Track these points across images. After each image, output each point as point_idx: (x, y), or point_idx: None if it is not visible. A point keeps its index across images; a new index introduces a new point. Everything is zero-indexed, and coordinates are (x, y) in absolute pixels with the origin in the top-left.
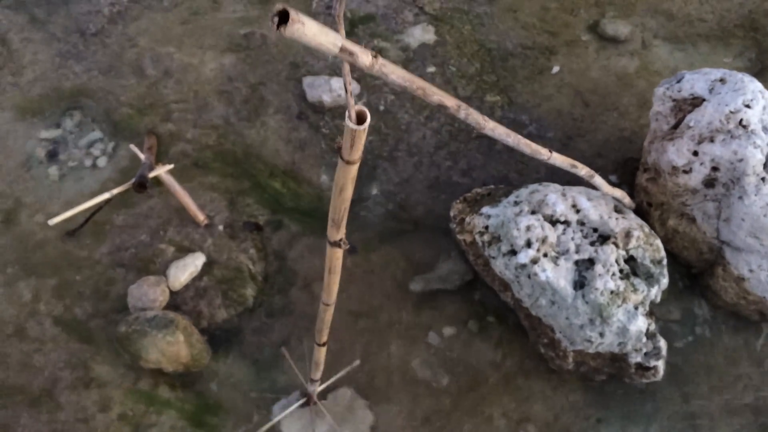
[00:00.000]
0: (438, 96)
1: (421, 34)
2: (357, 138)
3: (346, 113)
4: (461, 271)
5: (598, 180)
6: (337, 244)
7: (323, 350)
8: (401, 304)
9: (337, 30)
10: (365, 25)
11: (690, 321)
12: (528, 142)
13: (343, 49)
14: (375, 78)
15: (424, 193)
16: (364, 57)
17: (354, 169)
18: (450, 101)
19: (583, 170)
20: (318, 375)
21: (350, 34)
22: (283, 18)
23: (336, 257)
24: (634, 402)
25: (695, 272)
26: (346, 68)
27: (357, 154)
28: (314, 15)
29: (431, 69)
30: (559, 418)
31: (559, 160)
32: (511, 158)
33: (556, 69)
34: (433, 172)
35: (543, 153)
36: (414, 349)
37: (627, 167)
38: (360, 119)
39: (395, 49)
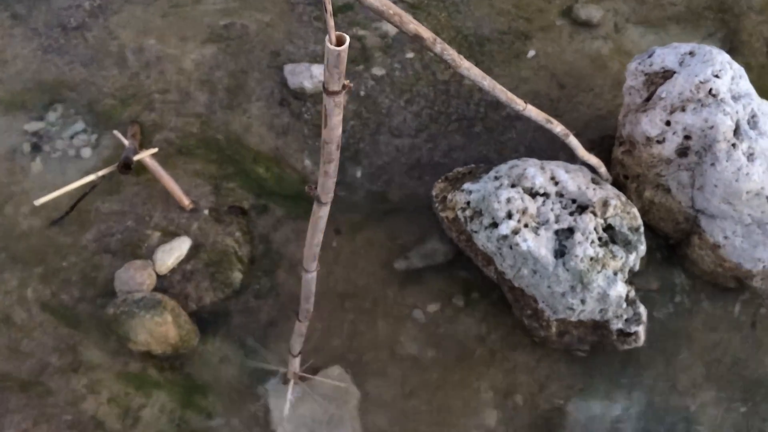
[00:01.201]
0: (414, 25)
1: None
2: (339, 62)
3: (326, 36)
4: (444, 249)
5: (573, 140)
6: (322, 201)
7: (305, 324)
8: (386, 283)
9: None
10: (344, 14)
11: (669, 291)
12: (503, 89)
13: None
14: (356, 64)
15: (406, 174)
16: None
17: (337, 101)
18: (426, 33)
19: (558, 127)
20: (298, 349)
21: None
22: None
23: (320, 215)
24: (616, 369)
25: (673, 243)
26: None
27: (337, 82)
28: (293, 5)
29: (410, 55)
30: (545, 388)
31: (534, 112)
32: (491, 139)
33: (531, 53)
34: (415, 154)
35: (518, 102)
36: (400, 326)
37: (604, 144)
38: (339, 42)
39: (374, 36)
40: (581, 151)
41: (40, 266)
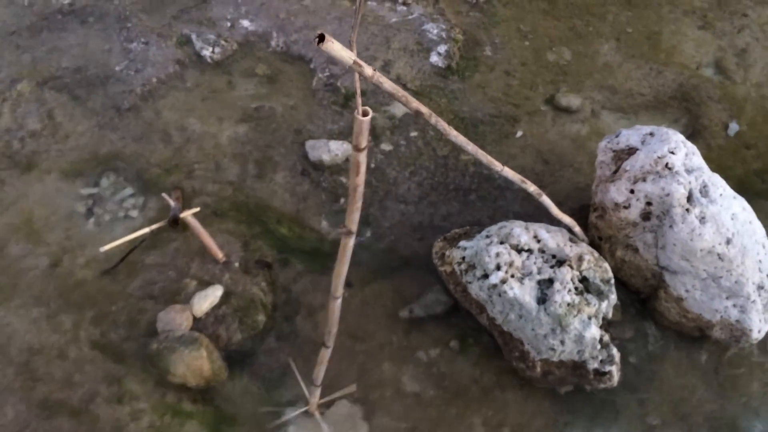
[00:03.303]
0: (416, 104)
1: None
2: (362, 128)
3: (355, 111)
4: (443, 300)
5: (545, 200)
6: (350, 232)
7: (328, 352)
8: (392, 330)
9: (351, 49)
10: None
11: (642, 340)
12: (484, 153)
13: (355, 62)
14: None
15: (410, 235)
16: (368, 69)
17: (363, 156)
18: (424, 109)
19: (531, 187)
20: (320, 379)
21: (344, 106)
22: (321, 39)
23: (348, 246)
24: (596, 408)
25: (644, 297)
26: (357, 76)
27: (364, 142)
28: (314, 92)
29: (414, 133)
30: (531, 423)
31: (510, 173)
32: (484, 206)
33: (519, 134)
34: (418, 218)
35: (496, 165)
36: (404, 367)
37: (583, 212)
38: (365, 114)
39: (383, 117)
40: (554, 210)
41: (92, 310)
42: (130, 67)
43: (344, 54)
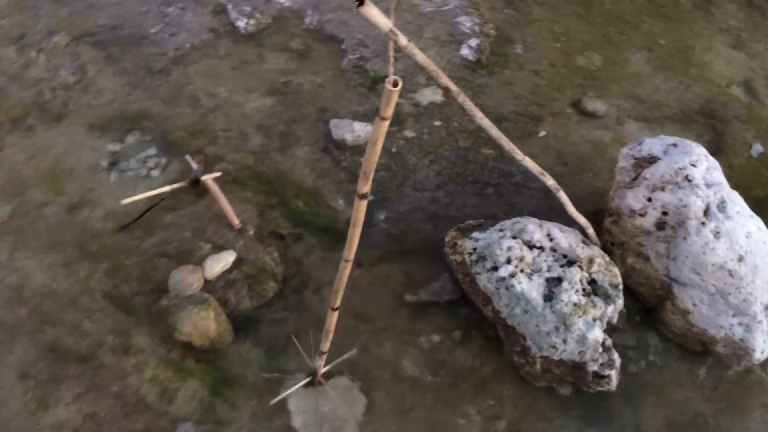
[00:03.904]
0: (445, 80)
1: (431, 95)
2: (391, 98)
3: (386, 79)
4: (450, 289)
5: (563, 196)
6: (364, 196)
7: (335, 316)
8: (397, 313)
9: (389, 18)
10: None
11: (644, 349)
12: (507, 140)
13: (391, 30)
14: (391, 126)
15: (423, 222)
16: (403, 39)
17: (386, 125)
18: (453, 86)
19: (550, 180)
20: (327, 346)
21: (372, 89)
22: (361, 2)
23: (361, 210)
24: (591, 411)
25: (649, 307)
26: (391, 45)
27: (390, 111)
28: (343, 72)
29: (437, 123)
30: (526, 419)
31: (530, 164)
32: (500, 201)
33: (542, 134)
34: (433, 206)
35: (518, 154)
36: (405, 350)
37: (597, 217)
38: (395, 84)
39: (409, 104)
40: (570, 208)
41: (106, 262)
42: (165, 30)
43: (382, 20)
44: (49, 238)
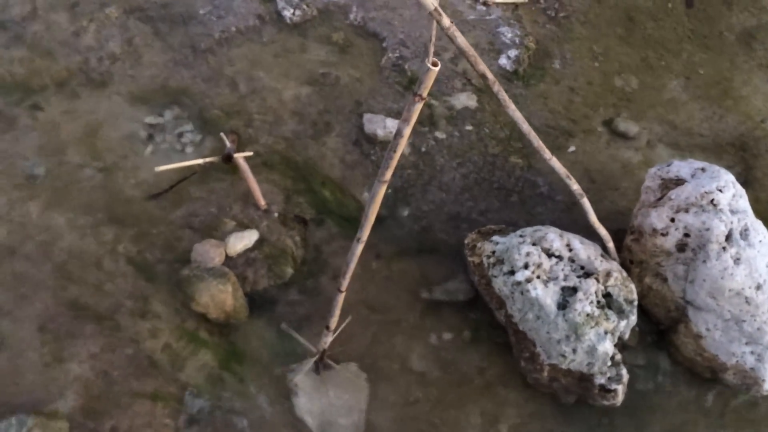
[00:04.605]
0: (483, 67)
1: (465, 100)
2: (429, 77)
3: (426, 59)
4: (465, 290)
5: (586, 203)
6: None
7: (341, 297)
8: (410, 308)
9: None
10: None
11: (653, 370)
12: (536, 137)
13: (435, 10)
14: (423, 126)
15: (445, 223)
16: (446, 20)
17: (420, 106)
18: (490, 75)
19: (575, 185)
20: (333, 323)
21: (408, 89)
22: None
23: (380, 194)
24: (593, 425)
25: (663, 329)
26: (434, 25)
27: (426, 91)
28: (381, 69)
29: (469, 127)
30: (527, 424)
31: (557, 164)
32: (523, 209)
33: (572, 149)
34: (456, 208)
35: (546, 152)
36: (414, 345)
37: (619, 235)
38: (434, 65)
39: (442, 107)
40: (592, 216)
41: (133, 229)
42: (213, 12)
43: (428, 0)
44: (80, 200)
